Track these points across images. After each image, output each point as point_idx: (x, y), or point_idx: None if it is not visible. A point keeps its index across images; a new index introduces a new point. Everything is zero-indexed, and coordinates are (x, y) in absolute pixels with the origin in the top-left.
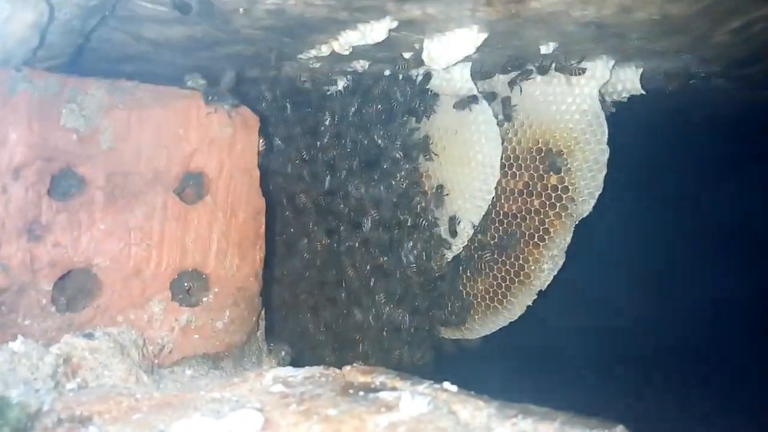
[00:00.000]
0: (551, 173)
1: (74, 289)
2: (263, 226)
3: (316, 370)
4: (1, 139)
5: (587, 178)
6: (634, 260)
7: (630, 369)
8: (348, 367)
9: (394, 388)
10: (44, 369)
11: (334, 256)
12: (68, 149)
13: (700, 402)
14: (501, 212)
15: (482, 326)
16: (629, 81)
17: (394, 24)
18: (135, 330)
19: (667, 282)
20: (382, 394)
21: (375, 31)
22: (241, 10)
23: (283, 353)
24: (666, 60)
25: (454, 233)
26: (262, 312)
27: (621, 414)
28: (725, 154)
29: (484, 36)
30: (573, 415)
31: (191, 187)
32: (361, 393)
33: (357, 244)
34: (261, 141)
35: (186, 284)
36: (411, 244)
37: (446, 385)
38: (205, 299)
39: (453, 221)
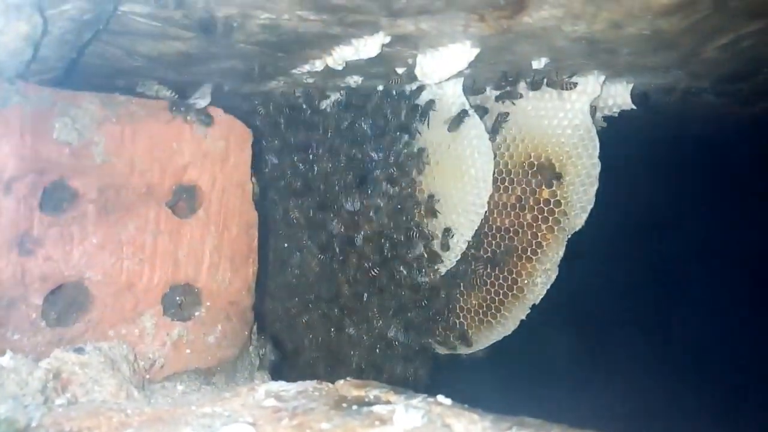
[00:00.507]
0: (544, 187)
1: (65, 303)
2: (256, 240)
3: (309, 385)
4: None
5: (579, 192)
6: (625, 270)
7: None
8: (341, 381)
9: (387, 402)
10: (33, 384)
11: (327, 271)
12: (61, 162)
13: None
14: (494, 226)
15: (476, 341)
16: (620, 96)
17: (388, 39)
18: (126, 345)
19: (659, 293)
20: (376, 408)
21: (368, 46)
22: (235, 24)
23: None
24: (656, 76)
25: (446, 247)
26: (255, 326)
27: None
28: (714, 169)
29: (476, 51)
30: (567, 426)
31: (184, 200)
32: (355, 407)
33: (350, 259)
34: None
35: (178, 298)
36: (404, 258)
37: (440, 398)
38: (197, 313)
39: (446, 234)
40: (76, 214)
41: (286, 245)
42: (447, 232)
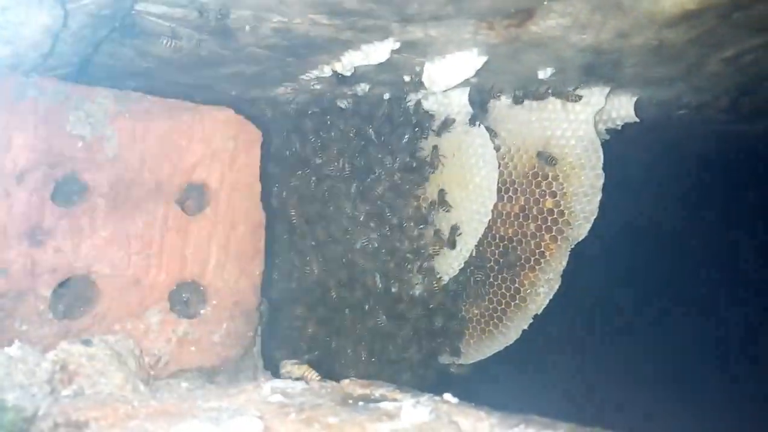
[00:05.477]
0: (547, 197)
1: (72, 296)
2: (263, 240)
3: (314, 383)
4: (6, 143)
5: (583, 202)
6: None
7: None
8: (347, 380)
9: (394, 400)
10: (40, 374)
11: (325, 274)
12: (73, 156)
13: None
14: (497, 236)
15: (477, 351)
16: (624, 109)
17: (397, 45)
18: (132, 339)
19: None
20: (383, 404)
21: (378, 52)
22: (247, 27)
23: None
24: (660, 88)
25: (453, 244)
26: (259, 327)
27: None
28: (712, 185)
29: (484, 59)
30: (576, 425)
31: (192, 198)
32: (361, 403)
33: (350, 266)
34: None
35: (184, 296)
36: (410, 265)
37: (447, 396)
38: (202, 311)
39: (454, 231)
40: (87, 208)
41: None
42: (454, 229)
